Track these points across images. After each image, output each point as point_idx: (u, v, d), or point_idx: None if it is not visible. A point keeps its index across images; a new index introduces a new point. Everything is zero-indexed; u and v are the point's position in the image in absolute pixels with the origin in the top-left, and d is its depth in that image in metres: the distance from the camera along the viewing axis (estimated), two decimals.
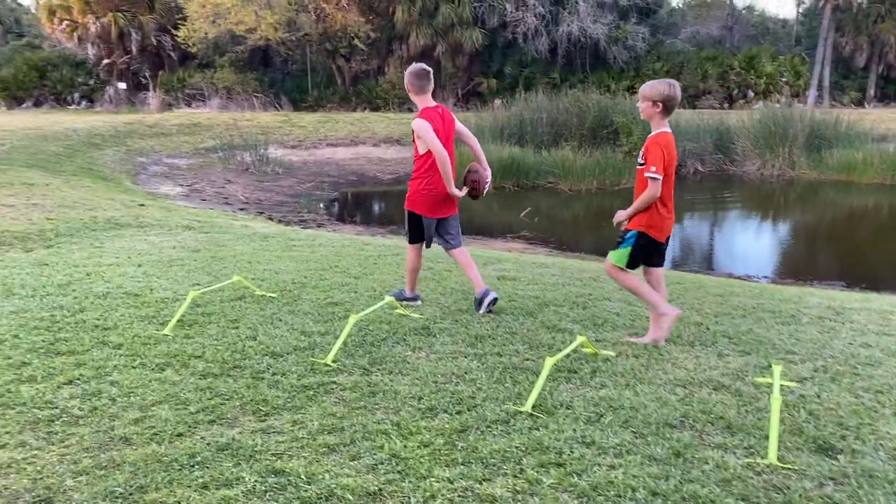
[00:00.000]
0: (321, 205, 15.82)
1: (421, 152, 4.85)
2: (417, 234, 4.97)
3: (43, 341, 4.23)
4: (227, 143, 20.92)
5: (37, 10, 34.73)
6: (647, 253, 4.22)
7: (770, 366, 3.87)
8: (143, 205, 10.87)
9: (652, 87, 4.16)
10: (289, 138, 23.74)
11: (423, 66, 4.95)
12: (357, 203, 17.86)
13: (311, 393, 3.51)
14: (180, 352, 4.06)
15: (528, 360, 3.96)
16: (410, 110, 28.74)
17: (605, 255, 4.45)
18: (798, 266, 11.23)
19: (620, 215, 4.22)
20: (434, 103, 4.92)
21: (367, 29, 27.61)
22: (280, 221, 13.30)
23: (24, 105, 29.67)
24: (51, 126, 21.02)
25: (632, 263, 4.21)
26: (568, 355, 3.88)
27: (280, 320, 4.64)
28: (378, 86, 30.01)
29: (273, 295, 5.23)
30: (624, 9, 29.72)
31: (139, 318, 4.69)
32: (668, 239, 4.28)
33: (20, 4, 41.79)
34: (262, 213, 14.56)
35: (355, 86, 30.64)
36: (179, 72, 30.30)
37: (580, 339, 3.88)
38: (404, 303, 5.00)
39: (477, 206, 16.67)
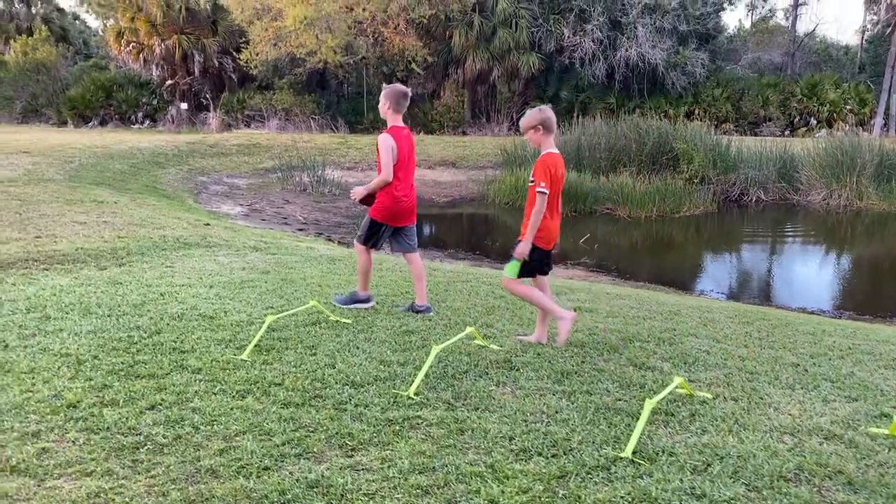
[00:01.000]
0: None
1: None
2: (372, 239, 5.37)
3: (122, 363, 4.20)
4: (286, 163, 21.19)
5: (105, 32, 36.01)
6: (538, 262, 4.66)
7: (883, 415, 3.61)
8: (208, 224, 10.99)
9: (529, 117, 4.61)
10: (345, 160, 23.97)
11: (406, 88, 5.36)
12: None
13: (397, 428, 3.38)
14: (260, 378, 3.98)
15: (620, 400, 3.76)
16: (465, 133, 28.80)
17: (670, 284, 4.30)
18: (871, 300, 10.76)
19: (521, 249, 4.54)
20: (402, 125, 5.29)
21: (425, 53, 27.81)
22: (339, 243, 13.32)
23: (91, 124, 30.63)
24: (116, 145, 21.60)
25: (526, 273, 4.64)
26: (663, 397, 3.68)
27: (357, 348, 4.54)
28: (433, 109, 30.16)
29: (347, 321, 5.14)
30: (683, 34, 29.36)
31: (216, 341, 4.64)
32: (554, 246, 4.74)
33: (89, 27, 43.41)
34: (320, 233, 14.63)
35: (410, 109, 30.89)
36: (239, 93, 30.95)
37: (677, 380, 3.67)
38: (358, 305, 5.44)
39: None
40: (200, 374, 4.05)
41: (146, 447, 3.19)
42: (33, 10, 36.95)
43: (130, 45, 30.62)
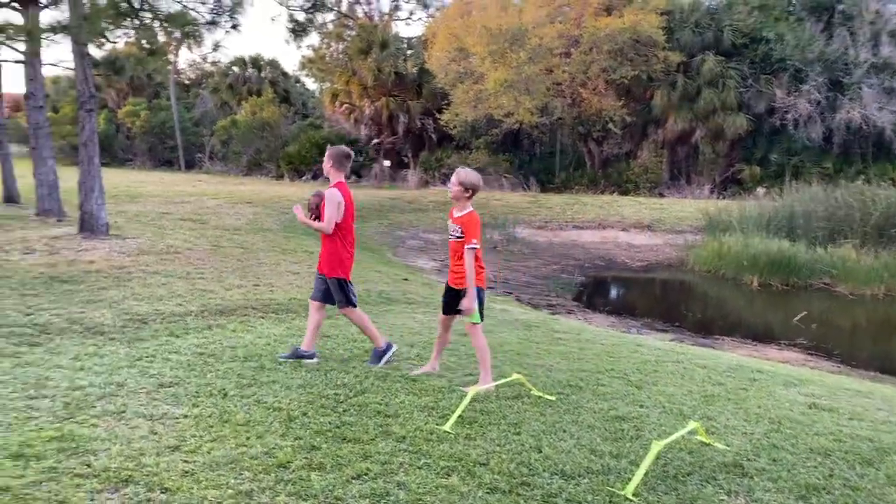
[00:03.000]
0: (572, 288, 15.42)
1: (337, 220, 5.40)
2: (351, 296, 5.54)
3: (329, 423, 4.20)
4: None
5: (321, 94, 39.21)
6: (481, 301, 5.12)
7: None
8: (406, 279, 11.25)
9: (472, 177, 5.07)
10: (536, 219, 23.91)
11: (349, 150, 5.70)
12: (606, 290, 17.25)
13: None
14: (464, 455, 3.79)
15: None
16: (662, 195, 27.75)
17: None
18: None
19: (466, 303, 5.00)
20: (344, 181, 5.56)
21: (623, 112, 27.34)
22: (528, 304, 13.11)
23: (304, 178, 33.21)
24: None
25: (481, 315, 5.11)
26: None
27: (564, 431, 4.23)
28: (629, 169, 29.47)
29: (551, 398, 4.85)
30: None
31: (419, 407, 4.54)
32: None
33: (307, 89, 47.54)
34: (509, 293, 14.52)
35: (605, 169, 30.40)
36: (437, 152, 32.21)
37: (692, 424, 2.99)
38: (306, 361, 5.42)
39: (741, 305, 15.35)
40: (405, 444, 3.94)
41: None
42: (262, 74, 41.15)
43: (343, 106, 33.03)
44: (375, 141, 32.81)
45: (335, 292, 5.54)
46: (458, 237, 5.05)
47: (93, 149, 10.94)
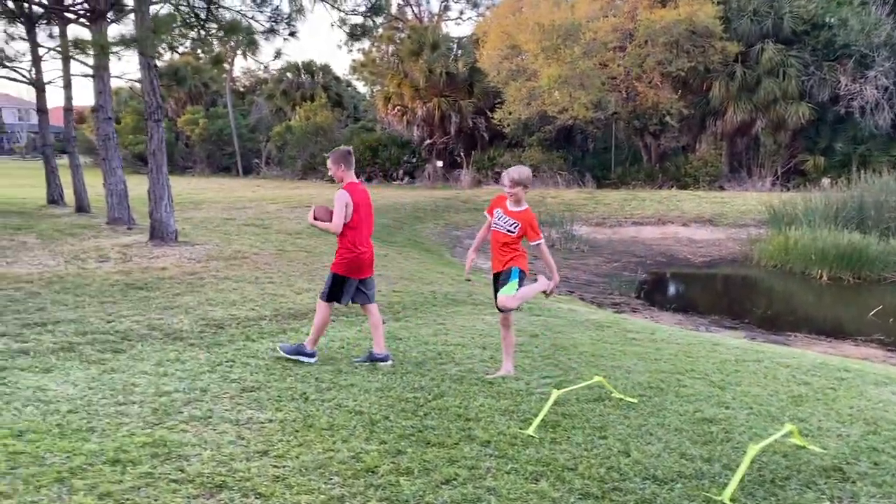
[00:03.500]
0: (634, 285, 15.15)
1: (345, 221, 5.43)
2: (336, 295, 5.50)
3: (412, 427, 4.20)
4: None
5: (373, 97, 39.54)
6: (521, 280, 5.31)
7: None
8: (468, 280, 11.22)
9: (520, 172, 5.28)
10: (593, 216, 23.61)
11: (348, 147, 5.77)
12: (669, 287, 16.91)
13: None
14: (552, 460, 3.73)
15: None
16: (722, 188, 27.11)
17: None
18: None
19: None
20: (356, 180, 5.64)
21: (680, 105, 26.79)
22: (592, 303, 12.94)
23: (359, 180, 33.60)
24: (382, 200, 23.29)
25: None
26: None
27: (651, 434, 4.14)
28: (688, 163, 28.84)
29: (633, 400, 4.76)
30: None
31: (498, 410, 4.51)
32: None
33: (359, 93, 48.00)
34: (571, 291, 14.35)
35: (662, 163, 29.83)
36: (490, 151, 32.11)
37: (788, 426, 2.81)
38: (302, 358, 5.47)
39: (810, 300, 14.85)
40: (489, 448, 3.91)
41: None
42: (315, 79, 41.69)
43: (396, 108, 33.23)
44: (428, 142, 32.89)
45: (325, 282, 5.62)
46: (510, 231, 5.24)
47: (161, 158, 11.23)
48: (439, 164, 33.08)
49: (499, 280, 5.34)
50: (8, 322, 6.48)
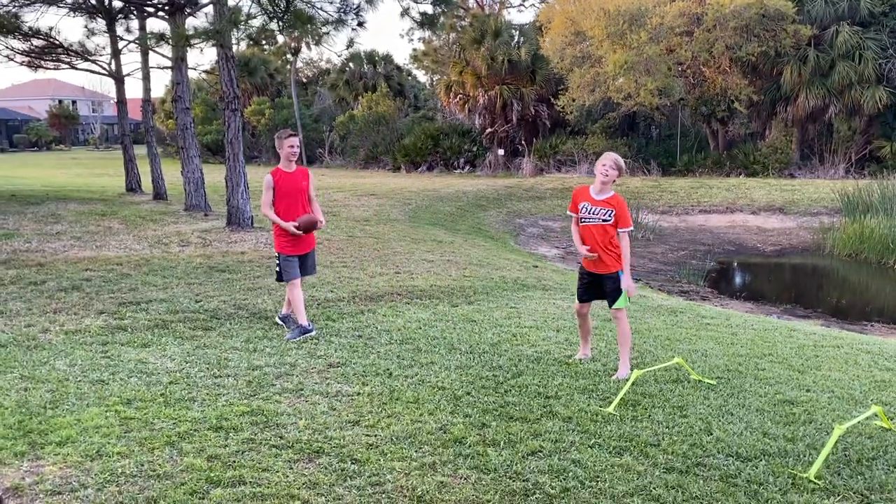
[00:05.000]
0: (703, 273, 14.93)
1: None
2: (288, 271, 5.93)
3: (494, 402, 4.34)
4: None
5: (434, 86, 39.70)
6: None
7: None
8: (536, 266, 11.30)
9: (619, 159, 4.95)
10: (659, 203, 23.30)
11: (280, 131, 6.19)
12: (738, 275, 16.62)
13: None
14: (634, 436, 3.82)
15: None
16: (793, 176, 26.37)
17: None
18: None
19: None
20: (294, 167, 6.14)
21: (749, 91, 26.09)
22: (660, 290, 12.85)
23: (420, 169, 33.79)
24: (444, 188, 23.49)
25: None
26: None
27: (731, 414, 4.18)
28: (757, 150, 28.08)
29: (711, 381, 4.79)
30: None
31: (578, 389, 4.61)
32: None
33: (419, 82, 48.24)
34: (637, 279, 14.26)
35: (730, 150, 29.13)
36: (552, 138, 31.90)
37: (874, 408, 2.77)
38: (306, 335, 5.71)
39: (888, 290, 14.35)
40: (571, 424, 4.02)
41: (535, 495, 3.20)
42: (377, 69, 42.10)
43: (458, 97, 33.30)
44: (489, 130, 32.88)
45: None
46: (605, 220, 4.84)
47: (238, 146, 11.63)
48: (500, 152, 33.04)
49: (602, 281, 4.99)
50: (105, 301, 6.89)
